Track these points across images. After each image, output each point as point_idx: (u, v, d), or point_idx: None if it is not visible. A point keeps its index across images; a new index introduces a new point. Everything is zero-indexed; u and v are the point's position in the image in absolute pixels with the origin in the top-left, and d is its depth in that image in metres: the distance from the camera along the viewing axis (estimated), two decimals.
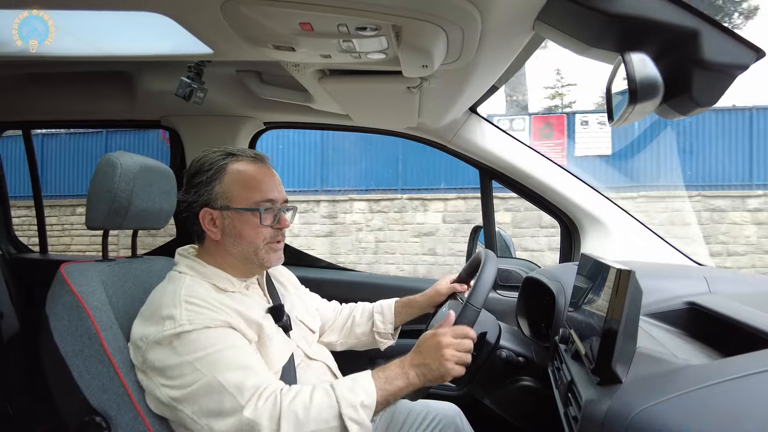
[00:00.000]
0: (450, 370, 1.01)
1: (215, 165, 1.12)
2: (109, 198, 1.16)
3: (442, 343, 1.02)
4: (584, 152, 8.21)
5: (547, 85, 12.76)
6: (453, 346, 1.03)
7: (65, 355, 1.04)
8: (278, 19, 0.90)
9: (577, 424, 0.76)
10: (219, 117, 1.96)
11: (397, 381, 1.00)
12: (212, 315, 1.01)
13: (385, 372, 1.02)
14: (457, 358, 1.02)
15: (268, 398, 0.95)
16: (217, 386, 0.94)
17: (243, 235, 1.11)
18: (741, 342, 0.83)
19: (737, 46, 0.74)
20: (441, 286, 1.45)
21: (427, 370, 1.01)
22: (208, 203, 1.12)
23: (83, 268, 1.14)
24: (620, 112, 0.81)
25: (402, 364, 1.03)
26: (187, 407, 0.96)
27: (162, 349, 0.98)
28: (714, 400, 0.63)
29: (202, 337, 0.97)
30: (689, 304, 1.07)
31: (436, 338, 1.04)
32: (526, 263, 1.93)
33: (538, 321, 1.42)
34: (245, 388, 0.94)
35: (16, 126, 2.37)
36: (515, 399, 1.25)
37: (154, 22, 0.98)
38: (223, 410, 0.94)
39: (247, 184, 1.12)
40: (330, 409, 0.95)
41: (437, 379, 1.02)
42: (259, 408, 0.93)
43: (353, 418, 0.94)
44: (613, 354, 0.73)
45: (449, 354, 1.01)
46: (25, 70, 1.78)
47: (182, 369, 0.96)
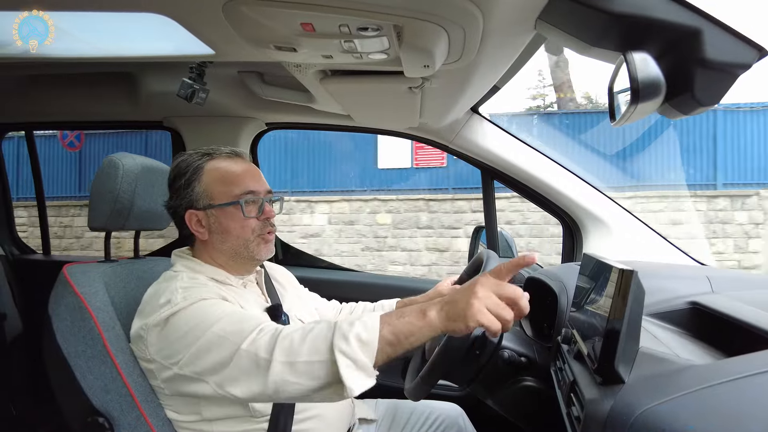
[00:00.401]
0: (476, 313, 0.79)
1: (192, 166, 1.13)
2: (111, 199, 1.17)
3: (479, 282, 0.83)
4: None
5: (529, 86, 12.94)
6: (492, 288, 0.82)
7: (68, 356, 1.05)
8: (279, 20, 0.90)
9: (580, 425, 0.76)
10: (221, 118, 1.96)
11: (410, 317, 0.84)
12: (207, 292, 1.02)
13: (399, 311, 0.88)
14: (492, 305, 0.80)
15: (267, 332, 0.91)
16: (216, 339, 0.92)
17: (229, 231, 1.12)
18: (744, 342, 0.82)
19: (740, 44, 0.74)
20: (443, 287, 1.45)
21: (451, 307, 0.82)
22: (191, 205, 1.12)
23: (86, 269, 1.14)
24: (622, 112, 0.81)
25: (423, 303, 0.88)
26: (192, 370, 0.94)
27: (163, 331, 0.98)
28: (718, 400, 0.62)
29: (199, 308, 0.98)
30: (692, 303, 1.06)
31: (472, 285, 0.84)
32: None
33: (540, 321, 1.42)
34: (243, 330, 0.92)
35: (18, 127, 2.37)
36: (517, 399, 1.25)
37: (156, 23, 0.98)
38: (225, 358, 0.91)
39: (225, 180, 1.13)
40: (324, 341, 0.86)
41: (459, 320, 0.81)
42: (257, 340, 0.90)
43: (343, 350, 0.83)
44: (615, 354, 0.72)
45: (483, 294, 0.81)
46: (28, 72, 1.78)
47: (186, 340, 0.95)
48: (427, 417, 1.35)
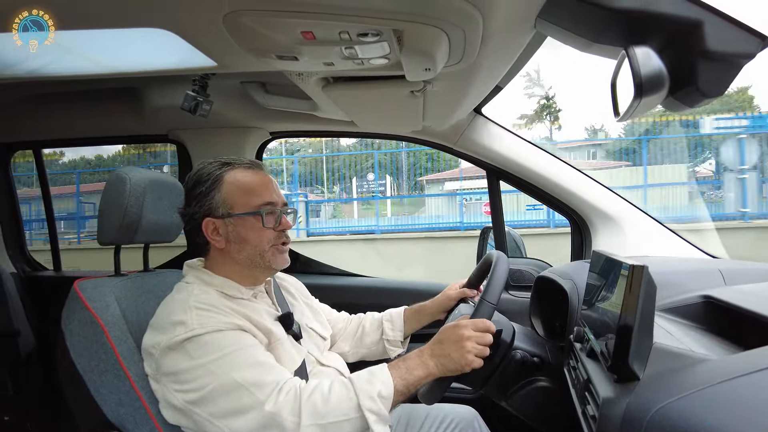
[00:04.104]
0: (471, 362, 1.03)
1: (213, 175, 1.14)
2: (119, 213, 1.18)
3: (463, 335, 1.04)
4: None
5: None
6: (474, 338, 1.04)
7: (82, 371, 1.05)
8: (280, 29, 0.91)
9: (596, 423, 0.75)
10: (225, 129, 1.97)
11: (416, 371, 1.02)
12: (223, 318, 1.02)
13: (405, 362, 1.04)
14: (478, 351, 1.04)
15: (288, 392, 0.95)
16: (234, 385, 0.94)
17: (247, 240, 1.12)
18: (759, 335, 0.81)
19: (742, 34, 0.73)
20: (451, 291, 1.45)
21: (448, 360, 1.03)
22: (209, 213, 1.13)
23: (96, 283, 1.15)
24: (626, 107, 0.80)
25: (421, 354, 1.05)
26: (203, 409, 0.96)
27: (175, 354, 0.98)
28: (735, 394, 0.62)
29: (215, 340, 0.98)
30: (705, 297, 1.05)
31: (457, 330, 1.05)
32: (537, 263, 1.92)
33: (551, 320, 1.41)
34: (264, 384, 0.95)
35: (26, 146, 2.40)
36: (532, 400, 1.24)
37: (158, 38, 0.99)
38: (242, 407, 0.94)
39: (247, 190, 1.14)
40: (349, 401, 0.96)
41: (456, 371, 1.04)
42: (279, 401, 0.94)
43: (371, 408, 0.95)
44: (629, 351, 0.72)
45: (470, 346, 1.03)
46: (33, 91, 1.81)
47: (197, 372, 0.96)
48: (441, 420, 1.35)
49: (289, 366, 1.09)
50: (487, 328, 1.07)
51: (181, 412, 0.99)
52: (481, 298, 1.12)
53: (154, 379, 1.03)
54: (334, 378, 1.19)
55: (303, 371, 1.13)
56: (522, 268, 1.87)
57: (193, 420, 0.98)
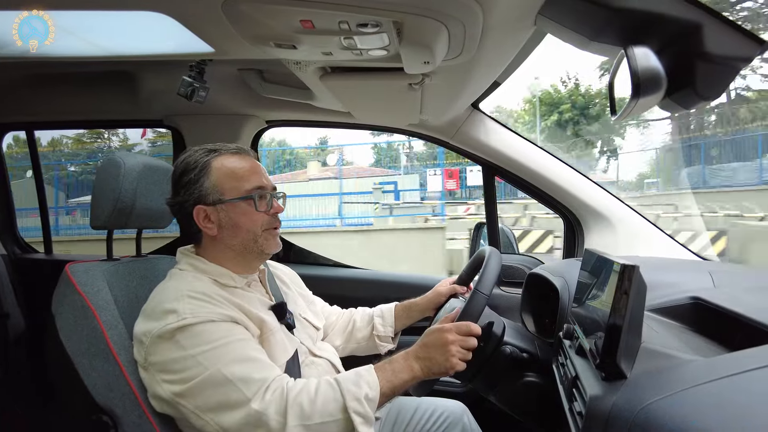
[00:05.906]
0: (454, 365, 1.05)
1: (200, 162, 1.14)
2: (113, 197, 1.17)
3: (447, 339, 1.06)
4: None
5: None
6: (458, 342, 1.06)
7: (71, 354, 1.05)
8: (279, 17, 0.90)
9: (582, 420, 0.76)
10: (221, 116, 1.96)
11: (401, 374, 1.04)
12: (215, 309, 1.01)
13: (390, 365, 1.05)
14: (462, 355, 1.06)
15: (275, 390, 0.96)
16: (222, 379, 0.94)
17: (240, 225, 1.13)
18: (746, 337, 0.82)
19: (740, 38, 0.74)
20: (442, 288, 1.46)
21: (432, 363, 1.05)
22: (200, 200, 1.12)
23: (88, 267, 1.14)
24: (623, 107, 0.80)
25: (407, 356, 1.07)
26: (189, 402, 0.96)
27: (165, 343, 0.98)
28: (720, 394, 0.62)
29: (206, 331, 0.98)
30: (694, 298, 1.06)
31: (441, 333, 1.07)
32: (529, 259, 1.93)
33: (542, 317, 1.41)
34: (252, 381, 0.95)
35: (19, 127, 2.37)
36: (520, 395, 1.25)
37: (156, 22, 0.98)
38: (229, 403, 0.94)
39: (236, 175, 1.14)
40: (335, 403, 0.97)
41: (441, 373, 1.05)
42: (266, 400, 0.94)
43: (357, 411, 0.96)
44: (617, 349, 0.72)
45: (454, 350, 1.05)
46: (28, 72, 1.78)
47: (185, 362, 0.96)
48: (431, 414, 1.35)
49: (281, 356, 1.09)
50: (470, 332, 1.08)
51: (167, 403, 0.99)
52: (474, 289, 1.13)
53: (143, 367, 1.03)
54: (322, 375, 1.20)
55: (295, 361, 1.14)
56: (514, 264, 1.88)
57: (180, 411, 0.98)
